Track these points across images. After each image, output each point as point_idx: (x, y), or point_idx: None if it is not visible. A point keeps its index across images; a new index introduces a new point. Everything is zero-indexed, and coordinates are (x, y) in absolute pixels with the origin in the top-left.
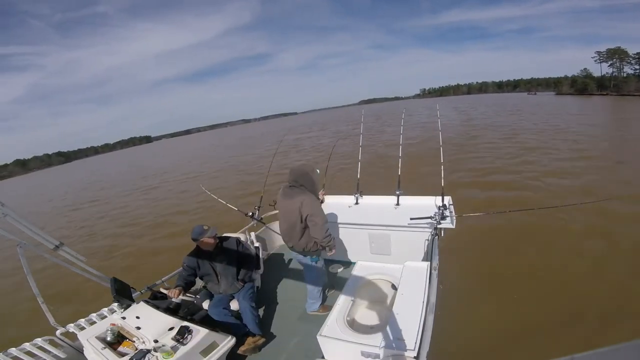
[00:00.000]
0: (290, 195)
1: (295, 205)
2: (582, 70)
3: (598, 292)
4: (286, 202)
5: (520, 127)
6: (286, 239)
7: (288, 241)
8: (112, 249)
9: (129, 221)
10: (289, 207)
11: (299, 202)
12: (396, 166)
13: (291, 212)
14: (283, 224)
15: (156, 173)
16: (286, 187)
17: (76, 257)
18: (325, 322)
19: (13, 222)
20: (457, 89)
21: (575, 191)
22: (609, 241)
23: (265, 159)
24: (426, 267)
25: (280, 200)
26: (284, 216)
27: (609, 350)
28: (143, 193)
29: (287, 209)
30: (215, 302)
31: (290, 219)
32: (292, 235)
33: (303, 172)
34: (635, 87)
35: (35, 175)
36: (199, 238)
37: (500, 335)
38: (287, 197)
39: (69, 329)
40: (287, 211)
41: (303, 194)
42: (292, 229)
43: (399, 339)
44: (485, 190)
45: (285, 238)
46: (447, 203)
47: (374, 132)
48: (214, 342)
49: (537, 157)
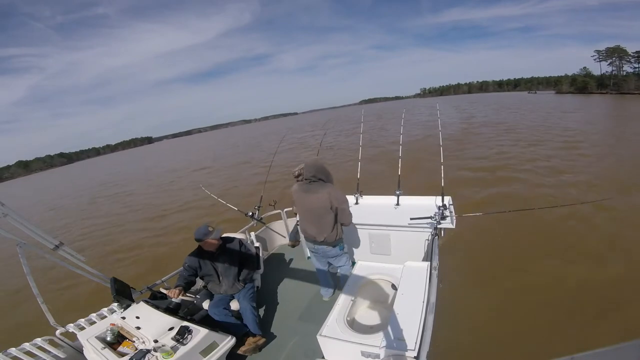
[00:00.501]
0: (314, 190)
1: (324, 198)
2: (582, 69)
3: (598, 291)
4: (311, 198)
5: (519, 125)
6: (314, 234)
7: (317, 235)
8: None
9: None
10: (315, 202)
11: (326, 194)
12: (398, 165)
13: (320, 206)
14: (308, 220)
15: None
16: (304, 184)
17: (76, 257)
18: (325, 322)
19: (13, 222)
20: (458, 88)
21: (575, 190)
22: (609, 241)
23: (279, 155)
24: (426, 267)
25: (302, 197)
26: (310, 211)
27: (609, 350)
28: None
29: (314, 204)
30: (215, 302)
31: (319, 213)
32: (323, 228)
33: (319, 165)
34: (635, 86)
35: (39, 176)
36: (203, 239)
37: (500, 335)
38: (310, 193)
39: (68, 329)
40: (314, 206)
41: (326, 186)
42: (322, 222)
43: (399, 339)
44: (486, 190)
45: (312, 234)
46: (447, 203)
47: (377, 129)
48: (213, 342)
49: (537, 157)
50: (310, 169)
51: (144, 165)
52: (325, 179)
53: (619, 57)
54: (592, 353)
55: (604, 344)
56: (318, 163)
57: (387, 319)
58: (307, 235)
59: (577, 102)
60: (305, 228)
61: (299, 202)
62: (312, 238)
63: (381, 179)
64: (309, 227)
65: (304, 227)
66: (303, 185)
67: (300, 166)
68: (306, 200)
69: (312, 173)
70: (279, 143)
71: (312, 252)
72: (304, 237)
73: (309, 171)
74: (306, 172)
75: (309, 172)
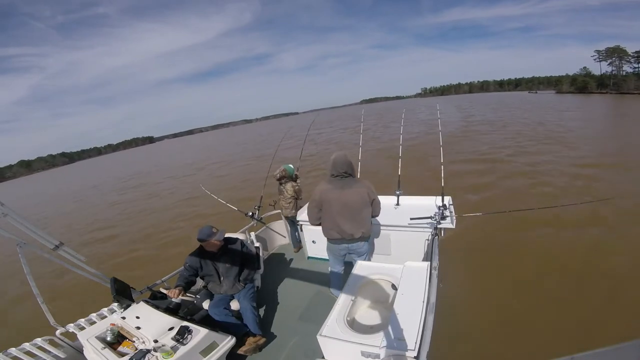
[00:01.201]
0: (349, 185)
1: (362, 192)
2: (582, 69)
3: (598, 291)
4: (347, 193)
5: (517, 124)
6: (351, 231)
7: (355, 231)
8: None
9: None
10: (352, 196)
11: (364, 187)
12: (398, 165)
13: (358, 200)
14: (344, 217)
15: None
16: (335, 179)
17: (76, 257)
18: (325, 322)
19: (13, 222)
20: (459, 87)
21: (575, 190)
22: (610, 240)
23: (279, 155)
24: (426, 267)
25: (336, 194)
26: (347, 207)
27: (609, 350)
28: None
29: (351, 198)
30: (215, 302)
31: (357, 207)
32: (360, 223)
33: (348, 161)
34: (634, 86)
35: (41, 175)
36: (207, 239)
37: (500, 335)
38: (345, 188)
39: (68, 329)
40: (350, 201)
41: (359, 180)
42: (358, 217)
43: (399, 339)
44: (486, 189)
45: (349, 231)
46: (447, 203)
47: (380, 127)
48: (213, 342)
49: (536, 156)
50: (342, 165)
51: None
52: (353, 174)
53: (619, 57)
54: (592, 353)
55: (604, 344)
56: (347, 158)
57: (387, 319)
58: (340, 234)
59: (577, 101)
60: (340, 226)
61: (332, 200)
62: (348, 236)
63: (381, 178)
64: (345, 224)
65: (339, 225)
66: (336, 182)
67: (281, 168)
68: (343, 197)
69: (344, 169)
70: (279, 143)
71: (335, 254)
72: (331, 239)
73: (340, 167)
74: (338, 168)
75: (340, 167)
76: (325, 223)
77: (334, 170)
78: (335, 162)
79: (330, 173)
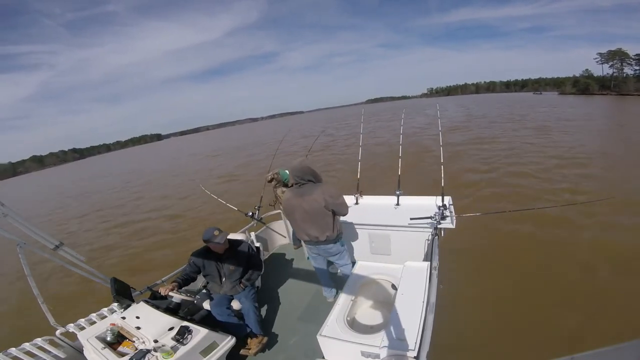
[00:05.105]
0: (307, 192)
1: (319, 198)
2: (584, 71)
3: (598, 291)
4: (306, 200)
5: (517, 124)
6: (316, 234)
7: (320, 235)
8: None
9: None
10: (311, 203)
11: (321, 193)
12: (398, 165)
13: (316, 207)
14: (307, 222)
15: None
16: (294, 188)
17: (76, 257)
18: (325, 322)
19: (13, 222)
20: (465, 88)
21: (576, 190)
22: (610, 240)
23: (279, 155)
24: (426, 267)
25: (294, 201)
26: (307, 214)
27: (609, 350)
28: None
29: (310, 205)
30: (217, 301)
31: (316, 213)
32: (323, 228)
33: (304, 167)
34: (634, 88)
35: (53, 171)
36: (211, 240)
37: (500, 335)
38: (304, 195)
39: (68, 329)
40: (309, 208)
41: (317, 185)
42: (321, 222)
43: (399, 339)
44: (486, 190)
45: (314, 234)
46: (447, 203)
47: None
48: (213, 342)
49: (536, 156)
50: (297, 172)
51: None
52: (314, 179)
53: (621, 60)
54: (592, 353)
55: (604, 344)
56: (303, 165)
57: (387, 319)
58: (309, 237)
59: (578, 102)
60: (306, 230)
61: (294, 207)
62: (314, 239)
63: (382, 177)
64: (309, 228)
65: (304, 230)
66: (294, 190)
67: (275, 171)
68: (298, 203)
69: (299, 176)
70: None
71: (313, 254)
72: (303, 241)
73: (296, 174)
74: (294, 176)
75: (296, 175)
76: (294, 228)
77: (292, 178)
78: (293, 170)
79: (290, 182)
